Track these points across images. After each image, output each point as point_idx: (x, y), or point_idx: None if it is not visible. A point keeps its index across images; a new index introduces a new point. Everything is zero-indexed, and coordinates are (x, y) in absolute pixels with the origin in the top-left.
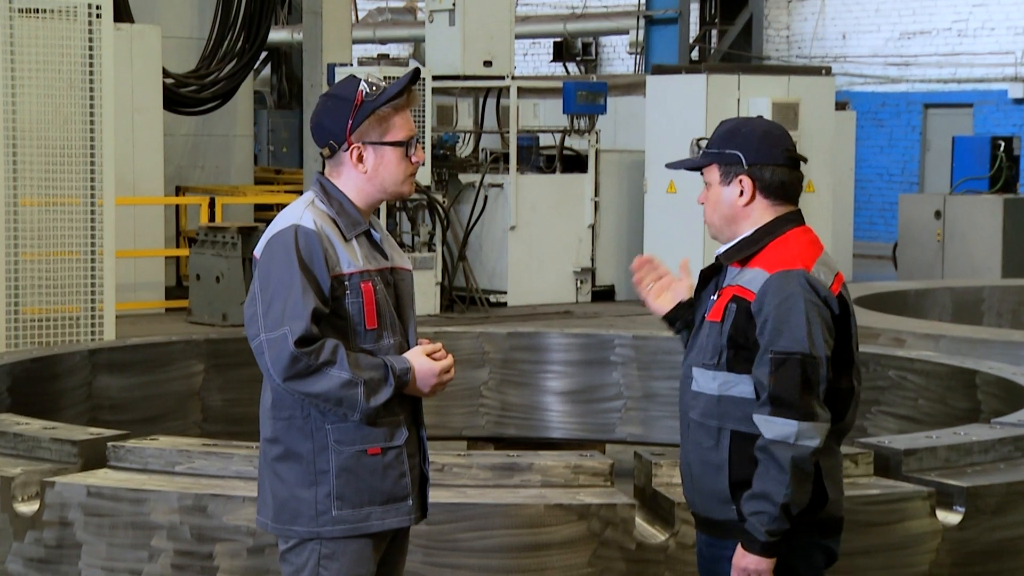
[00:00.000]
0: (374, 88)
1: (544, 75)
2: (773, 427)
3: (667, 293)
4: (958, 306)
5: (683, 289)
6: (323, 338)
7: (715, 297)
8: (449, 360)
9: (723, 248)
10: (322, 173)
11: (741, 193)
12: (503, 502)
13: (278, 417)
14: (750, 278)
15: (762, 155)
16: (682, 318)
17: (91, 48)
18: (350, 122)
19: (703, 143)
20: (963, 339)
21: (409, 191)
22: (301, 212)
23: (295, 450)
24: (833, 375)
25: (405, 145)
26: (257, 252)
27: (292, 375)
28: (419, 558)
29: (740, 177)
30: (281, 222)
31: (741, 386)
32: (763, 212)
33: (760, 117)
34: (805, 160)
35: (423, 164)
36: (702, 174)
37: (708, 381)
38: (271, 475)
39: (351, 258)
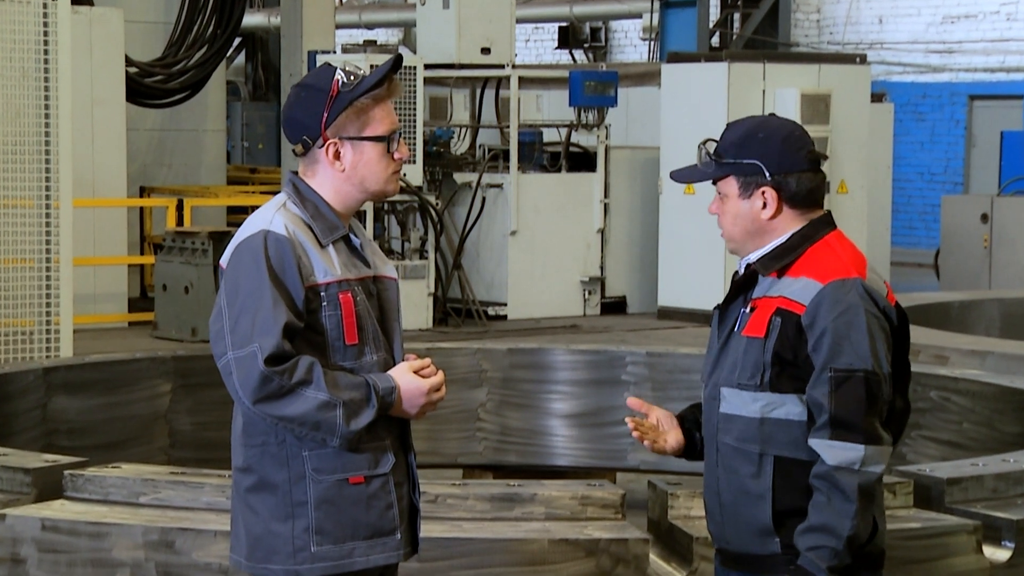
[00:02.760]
0: (351, 77)
1: (548, 63)
2: (836, 452)
3: (669, 433)
4: (1007, 319)
5: (666, 419)
6: (297, 355)
7: (747, 310)
8: (439, 377)
9: (756, 255)
10: (296, 173)
11: (765, 206)
12: (503, 537)
13: (250, 444)
14: (797, 288)
15: (785, 163)
16: (694, 430)
17: (46, 34)
18: (325, 115)
19: (709, 146)
20: (1013, 356)
21: (393, 190)
22: (271, 216)
23: (269, 480)
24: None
25: (387, 140)
26: (223, 261)
27: (263, 397)
28: None
29: (763, 189)
30: (249, 228)
31: (787, 407)
32: (791, 222)
33: (773, 116)
34: (826, 157)
35: (407, 161)
36: (715, 183)
37: (746, 403)
38: (244, 508)
39: (327, 266)
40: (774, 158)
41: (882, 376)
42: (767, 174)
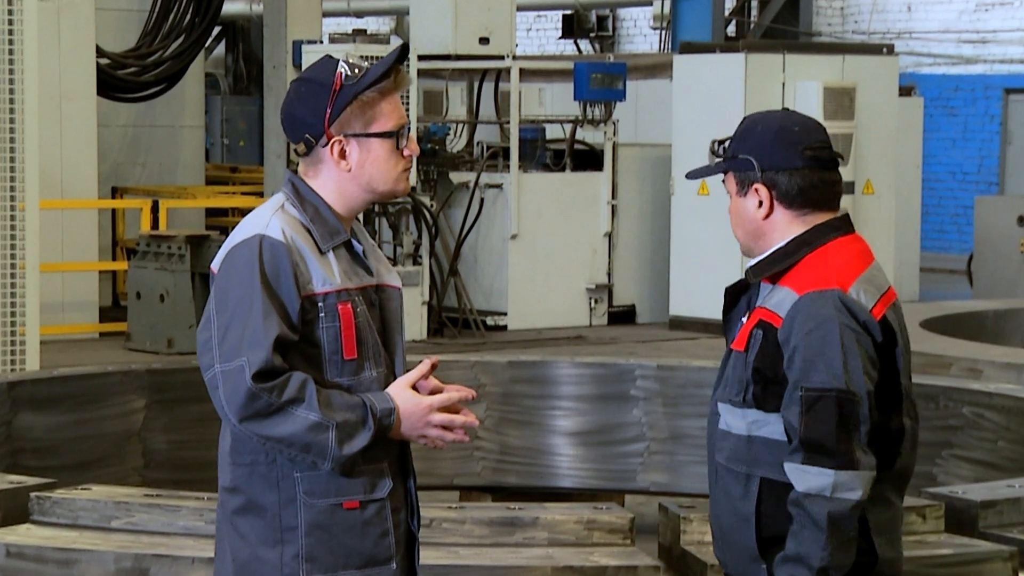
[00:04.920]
0: (355, 70)
1: (552, 54)
2: (806, 478)
3: None
4: None
5: None
6: (289, 371)
7: (745, 320)
8: (449, 395)
9: (753, 262)
10: (295, 172)
11: (760, 204)
12: (503, 564)
13: (238, 463)
14: (778, 300)
15: (776, 159)
16: None
17: (10, 23)
18: (328, 111)
19: (724, 145)
20: None
21: (403, 190)
22: (268, 219)
23: (258, 502)
24: (879, 414)
25: (395, 136)
26: (215, 266)
27: (250, 415)
28: None
29: (755, 186)
30: (243, 231)
31: (771, 425)
32: (790, 223)
33: (784, 110)
34: (841, 157)
35: (417, 155)
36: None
37: (736, 419)
38: (231, 531)
39: (326, 274)
40: (765, 153)
41: (858, 396)
42: (757, 169)
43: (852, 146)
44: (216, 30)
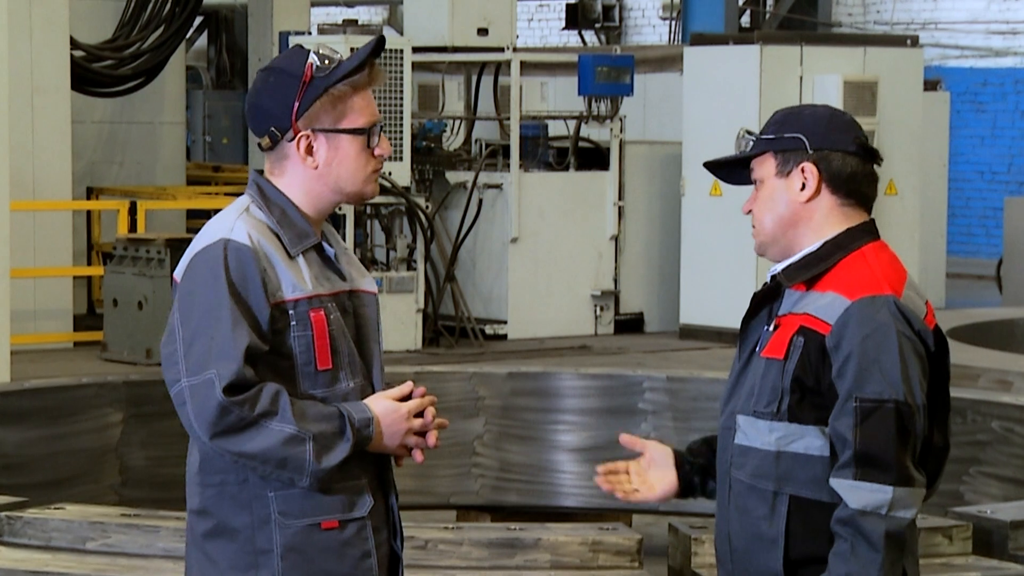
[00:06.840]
0: (327, 62)
1: (554, 46)
2: (861, 494)
3: (654, 473)
4: None
5: (661, 456)
6: (261, 383)
7: (770, 328)
8: (421, 400)
9: (781, 265)
10: (260, 172)
11: (803, 186)
12: None
13: (207, 483)
14: (823, 305)
15: (830, 139)
16: (696, 470)
17: None
18: (297, 104)
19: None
20: None
21: (372, 192)
22: (232, 223)
23: (229, 524)
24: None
25: (366, 133)
26: (178, 274)
27: (221, 430)
28: None
29: (803, 165)
30: (207, 236)
31: (807, 439)
32: (829, 214)
33: (826, 105)
34: (880, 158)
35: (390, 158)
36: (751, 173)
37: (762, 433)
38: (200, 556)
39: (296, 280)
40: (818, 132)
41: (915, 407)
42: (808, 148)
43: (874, 144)
44: (198, 20)
